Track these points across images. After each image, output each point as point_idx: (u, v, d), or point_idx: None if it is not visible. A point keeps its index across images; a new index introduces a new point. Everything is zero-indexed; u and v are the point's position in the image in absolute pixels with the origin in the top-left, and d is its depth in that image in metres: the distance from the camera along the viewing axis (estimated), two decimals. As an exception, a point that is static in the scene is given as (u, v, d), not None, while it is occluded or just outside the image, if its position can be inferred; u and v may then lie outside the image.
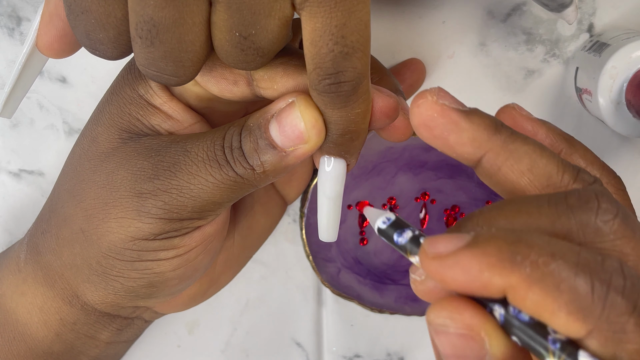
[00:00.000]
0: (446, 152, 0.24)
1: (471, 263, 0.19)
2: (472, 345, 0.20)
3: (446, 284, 0.20)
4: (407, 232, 0.22)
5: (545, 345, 0.19)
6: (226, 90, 0.27)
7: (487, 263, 0.19)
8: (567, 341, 0.19)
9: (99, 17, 0.24)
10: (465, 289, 0.20)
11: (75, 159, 0.30)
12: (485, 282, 0.19)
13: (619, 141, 0.41)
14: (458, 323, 0.20)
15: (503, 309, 0.20)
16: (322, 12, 0.22)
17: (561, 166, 0.23)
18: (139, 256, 0.29)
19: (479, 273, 0.19)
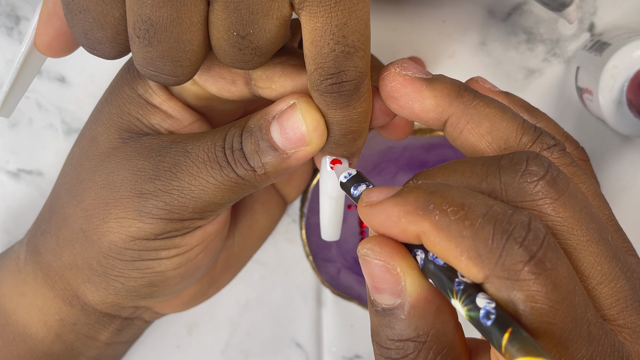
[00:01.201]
0: (414, 119, 0.26)
1: (392, 210, 0.21)
2: (388, 278, 0.22)
3: (375, 229, 0.22)
4: (362, 185, 0.25)
5: (451, 286, 0.20)
6: (224, 89, 0.27)
7: (405, 210, 0.21)
8: (470, 284, 0.20)
9: (96, 16, 0.23)
10: (389, 234, 0.22)
11: (75, 159, 0.30)
12: (403, 228, 0.21)
13: (619, 141, 0.41)
14: (376, 254, 0.22)
15: (424, 253, 0.22)
16: (322, 11, 0.22)
17: (520, 128, 0.23)
18: (140, 256, 0.29)
19: (397, 219, 0.21)
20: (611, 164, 0.41)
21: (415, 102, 0.25)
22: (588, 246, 0.21)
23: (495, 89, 0.26)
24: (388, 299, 0.22)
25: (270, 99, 0.27)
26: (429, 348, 0.22)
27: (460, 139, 0.25)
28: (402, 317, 0.22)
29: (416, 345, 0.22)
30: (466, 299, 0.20)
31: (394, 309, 0.22)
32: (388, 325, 0.22)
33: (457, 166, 0.23)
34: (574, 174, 0.23)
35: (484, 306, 0.19)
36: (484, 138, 0.24)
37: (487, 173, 0.22)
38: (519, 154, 0.22)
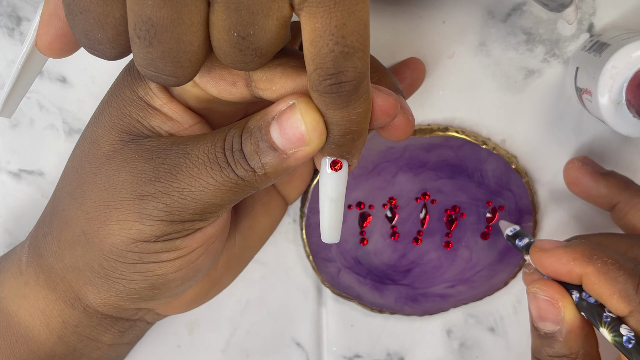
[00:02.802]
0: (589, 201, 0.38)
1: (563, 256, 0.31)
2: (552, 310, 0.31)
3: (544, 269, 0.32)
4: (525, 239, 0.35)
5: (601, 319, 0.30)
6: (225, 91, 0.27)
7: (573, 257, 0.31)
8: (615, 318, 0.30)
9: (97, 17, 0.23)
10: (555, 273, 0.31)
11: (76, 161, 0.30)
12: (569, 270, 0.31)
13: (619, 141, 0.41)
14: (545, 292, 0.31)
15: (578, 293, 0.31)
16: (322, 12, 0.22)
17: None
18: (141, 258, 0.29)
19: (567, 262, 0.31)
20: (610, 164, 0.41)
21: (592, 189, 0.38)
22: None
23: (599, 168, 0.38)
24: (550, 326, 0.31)
25: (270, 100, 0.27)
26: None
27: (625, 219, 0.36)
28: (560, 340, 0.31)
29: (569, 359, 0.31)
30: (612, 328, 0.29)
31: (554, 333, 0.31)
32: (548, 345, 0.32)
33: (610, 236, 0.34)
34: None
35: (626, 334, 0.29)
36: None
37: (632, 244, 0.33)
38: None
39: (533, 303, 0.32)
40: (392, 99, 0.26)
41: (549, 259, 0.31)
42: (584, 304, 0.30)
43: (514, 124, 0.41)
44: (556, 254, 0.31)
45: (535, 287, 0.32)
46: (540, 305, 0.31)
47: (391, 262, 0.42)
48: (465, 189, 0.40)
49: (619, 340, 0.28)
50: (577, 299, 0.31)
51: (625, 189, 0.37)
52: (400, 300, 0.42)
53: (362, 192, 0.40)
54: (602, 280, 0.30)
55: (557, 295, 0.31)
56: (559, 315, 0.31)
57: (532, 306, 0.32)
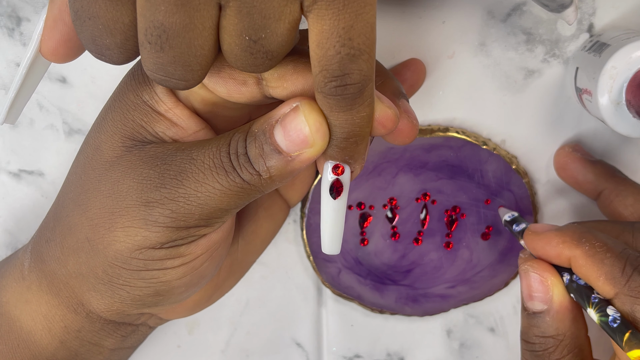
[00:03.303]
0: (575, 187, 0.39)
1: (553, 238, 0.31)
2: (542, 288, 0.31)
3: (535, 251, 0.32)
4: (522, 224, 0.35)
5: (589, 300, 0.30)
6: (234, 90, 0.27)
7: (563, 240, 0.31)
8: (603, 300, 0.30)
9: (106, 22, 0.23)
10: (546, 255, 0.32)
11: (80, 167, 0.30)
12: (559, 252, 0.31)
13: (618, 141, 0.41)
14: (535, 269, 0.32)
15: (569, 275, 0.31)
16: (330, 14, 0.22)
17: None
18: (146, 265, 0.29)
19: (556, 245, 0.31)
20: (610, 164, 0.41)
21: (579, 175, 0.38)
22: None
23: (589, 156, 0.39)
24: (538, 305, 0.31)
25: (281, 98, 0.27)
26: (564, 345, 0.31)
27: (610, 207, 0.37)
28: (547, 319, 0.31)
29: (555, 341, 0.31)
30: (599, 309, 0.29)
31: (542, 312, 0.31)
32: (535, 325, 0.31)
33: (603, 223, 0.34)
34: None
35: (611, 314, 0.29)
36: (627, 209, 0.37)
37: (623, 230, 0.33)
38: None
39: (524, 280, 0.32)
40: (391, 112, 0.26)
41: (540, 241, 0.32)
42: (574, 286, 0.31)
43: (514, 124, 0.41)
44: (547, 237, 0.32)
45: (526, 265, 0.32)
46: (530, 283, 0.32)
47: (391, 262, 0.42)
48: (465, 189, 0.40)
49: (605, 320, 0.29)
50: (568, 281, 0.31)
51: (612, 177, 0.38)
52: (401, 300, 0.42)
53: (363, 193, 0.40)
54: (589, 262, 0.30)
55: (546, 273, 0.31)
56: (548, 293, 0.31)
57: (522, 284, 0.32)
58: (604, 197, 0.38)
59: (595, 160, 0.38)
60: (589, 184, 0.38)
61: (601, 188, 0.38)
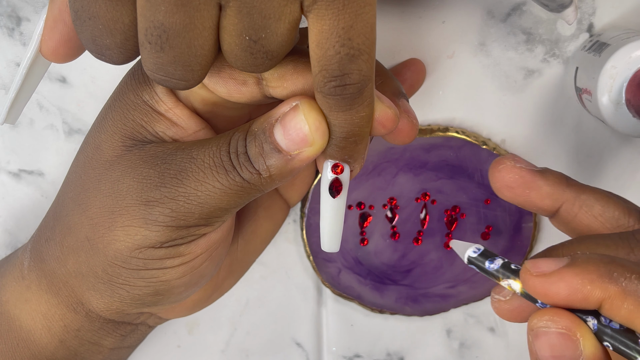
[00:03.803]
0: (527, 207, 0.30)
1: (574, 279, 0.24)
2: (569, 345, 0.24)
3: (548, 298, 0.24)
4: (498, 259, 0.27)
5: (637, 347, 0.24)
6: (235, 90, 0.27)
7: (589, 278, 0.24)
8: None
9: (106, 22, 0.23)
10: (566, 301, 0.24)
11: (79, 167, 0.30)
12: (587, 295, 0.24)
13: (618, 141, 0.41)
14: (558, 324, 0.24)
15: (594, 319, 0.24)
16: (330, 14, 0.22)
17: (626, 209, 0.28)
18: (145, 264, 0.29)
19: (581, 286, 0.24)
20: (610, 164, 0.41)
21: (532, 191, 0.29)
22: None
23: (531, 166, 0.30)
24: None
25: (281, 98, 0.27)
26: None
27: (575, 221, 0.29)
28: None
29: None
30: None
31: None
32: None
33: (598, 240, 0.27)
34: None
35: None
36: (597, 219, 0.29)
37: (631, 247, 0.26)
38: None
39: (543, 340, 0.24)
40: (391, 112, 0.26)
41: (555, 285, 0.24)
42: (607, 331, 0.24)
43: (514, 124, 0.41)
44: (565, 278, 0.24)
45: (544, 320, 0.24)
46: (552, 342, 0.24)
47: (391, 262, 0.42)
48: (465, 189, 0.40)
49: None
50: (596, 327, 0.25)
51: (568, 186, 0.29)
52: (401, 300, 0.42)
53: (363, 193, 0.40)
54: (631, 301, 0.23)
55: (573, 326, 0.24)
56: (578, 349, 0.24)
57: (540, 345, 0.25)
58: (565, 211, 0.29)
59: (542, 170, 0.30)
60: (545, 199, 0.29)
61: (560, 202, 0.29)
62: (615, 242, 0.26)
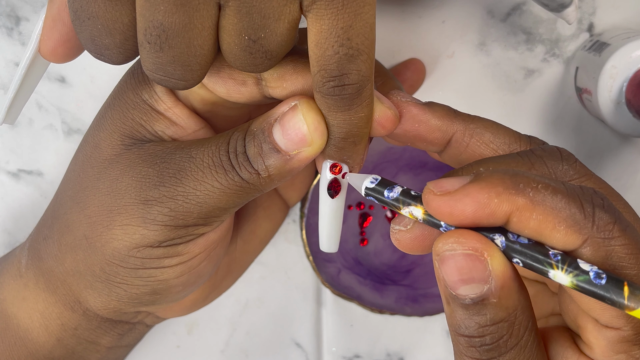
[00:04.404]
0: (417, 143, 0.28)
1: (480, 193, 0.22)
2: (477, 265, 0.22)
3: (454, 217, 0.23)
4: (397, 187, 0.25)
5: (549, 260, 0.22)
6: (234, 90, 0.27)
7: (495, 191, 0.22)
8: (564, 254, 0.22)
9: (105, 22, 0.23)
10: (472, 219, 0.23)
11: (78, 165, 0.30)
12: (494, 209, 0.22)
13: (618, 141, 0.41)
14: (464, 245, 0.23)
15: (502, 236, 0.23)
16: (329, 14, 0.22)
17: (516, 136, 0.27)
18: (143, 264, 0.29)
19: (488, 200, 0.22)
20: (610, 164, 0.41)
21: (421, 125, 0.27)
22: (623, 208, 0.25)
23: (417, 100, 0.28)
24: (476, 288, 0.23)
25: (281, 98, 0.27)
26: (519, 324, 0.23)
27: (468, 151, 0.27)
28: (493, 301, 0.23)
29: (508, 325, 0.23)
30: (569, 266, 0.22)
31: (484, 295, 0.23)
32: (479, 313, 0.23)
33: (498, 160, 0.25)
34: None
35: (590, 269, 0.22)
36: (489, 147, 0.27)
37: (531, 162, 0.25)
38: (549, 146, 0.26)
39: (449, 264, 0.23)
40: (391, 113, 0.26)
41: (460, 202, 0.22)
42: (516, 247, 0.23)
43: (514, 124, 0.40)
44: (470, 194, 0.22)
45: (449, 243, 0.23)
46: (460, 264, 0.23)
47: (391, 262, 0.42)
48: (465, 189, 0.40)
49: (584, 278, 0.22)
50: (504, 243, 0.23)
51: (456, 117, 0.27)
52: (401, 300, 0.42)
53: (362, 192, 0.40)
54: (540, 211, 0.22)
55: (480, 246, 0.23)
56: (486, 269, 0.23)
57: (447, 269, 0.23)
58: (456, 142, 0.27)
59: (428, 103, 0.28)
60: (435, 132, 0.27)
61: (449, 133, 0.27)
62: (515, 159, 0.25)
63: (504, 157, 0.25)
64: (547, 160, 0.25)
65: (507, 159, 0.25)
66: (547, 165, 0.25)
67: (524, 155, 0.25)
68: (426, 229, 0.25)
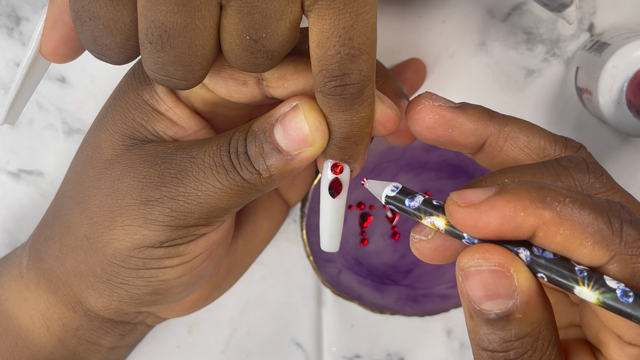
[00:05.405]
0: (450, 147, 0.27)
1: (507, 206, 0.22)
2: (503, 282, 0.22)
3: (478, 230, 0.22)
4: (418, 196, 0.24)
5: (574, 276, 0.22)
6: (235, 90, 0.27)
7: (522, 205, 0.22)
8: (591, 271, 0.22)
9: (107, 22, 0.23)
10: (497, 232, 0.22)
11: (79, 166, 0.30)
12: (520, 222, 0.22)
13: (619, 141, 0.41)
14: (490, 261, 0.22)
15: (527, 250, 0.23)
16: (331, 14, 0.22)
17: (552, 139, 0.26)
18: (144, 264, 0.29)
19: (513, 214, 0.22)
20: (610, 164, 0.41)
21: (454, 130, 0.26)
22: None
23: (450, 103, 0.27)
24: (502, 303, 0.22)
25: (282, 98, 0.27)
26: (543, 338, 0.23)
27: (501, 155, 0.27)
28: (518, 316, 0.22)
29: (532, 340, 0.23)
30: (595, 283, 0.22)
31: (509, 310, 0.22)
32: (504, 329, 0.23)
33: (523, 170, 0.25)
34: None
35: (617, 287, 0.21)
36: (523, 151, 0.27)
37: (557, 174, 0.24)
38: (575, 157, 0.25)
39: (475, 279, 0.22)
40: (393, 113, 0.26)
41: (485, 214, 0.22)
42: (541, 262, 0.23)
43: (514, 124, 0.41)
44: (496, 206, 0.22)
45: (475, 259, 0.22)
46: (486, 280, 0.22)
47: (392, 262, 0.42)
48: (465, 189, 0.40)
49: (611, 296, 0.21)
50: (529, 258, 0.23)
51: (490, 120, 0.27)
52: (401, 300, 0.42)
53: (363, 193, 0.40)
54: (567, 226, 0.22)
55: (506, 261, 0.22)
56: (512, 285, 0.22)
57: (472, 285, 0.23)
58: (490, 146, 0.27)
59: (461, 105, 0.27)
60: (469, 136, 0.27)
61: (484, 137, 0.27)
62: (541, 170, 0.24)
63: (529, 167, 0.25)
64: (574, 172, 0.24)
65: (532, 170, 0.24)
66: (574, 178, 0.24)
67: (549, 166, 0.25)
68: (447, 239, 0.24)
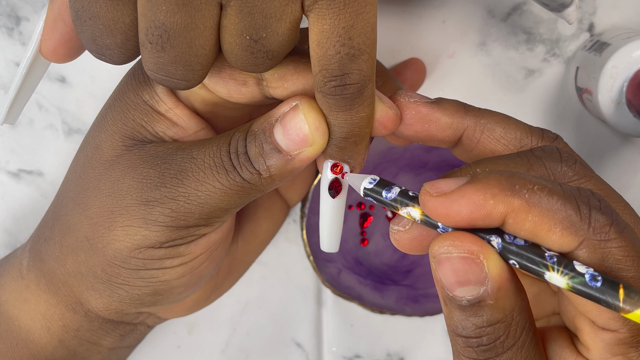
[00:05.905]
0: (428, 142, 0.28)
1: (476, 194, 0.22)
2: (473, 268, 0.23)
3: (450, 219, 0.23)
4: (395, 188, 0.25)
5: (544, 262, 0.22)
6: (235, 91, 0.27)
7: (491, 193, 0.22)
8: (560, 256, 0.22)
9: (107, 22, 0.23)
10: (468, 220, 0.23)
11: (79, 166, 0.30)
12: (489, 210, 0.22)
13: (619, 141, 0.41)
14: (460, 248, 0.23)
15: (498, 238, 0.23)
16: (331, 13, 0.22)
17: (528, 130, 0.27)
18: (145, 264, 0.29)
19: (483, 202, 0.22)
20: (610, 164, 0.41)
21: (431, 124, 0.27)
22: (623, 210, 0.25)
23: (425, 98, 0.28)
24: (473, 290, 0.23)
25: (282, 98, 0.27)
26: (516, 325, 0.23)
27: (478, 147, 0.27)
28: (490, 303, 0.23)
29: (505, 325, 0.23)
30: (565, 268, 0.22)
31: (480, 297, 0.23)
32: (476, 315, 0.23)
33: (497, 160, 0.25)
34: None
35: (586, 271, 0.22)
36: (499, 142, 0.27)
37: (530, 163, 0.25)
38: (549, 147, 0.25)
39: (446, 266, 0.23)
40: (393, 113, 0.26)
41: (455, 203, 0.22)
42: (513, 249, 0.23)
43: (514, 124, 0.41)
44: (466, 195, 0.22)
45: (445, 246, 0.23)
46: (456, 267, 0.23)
47: (392, 262, 0.42)
48: (465, 189, 0.40)
49: (580, 280, 0.22)
50: (500, 245, 0.23)
51: (466, 113, 0.27)
52: (401, 300, 0.42)
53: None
54: (536, 213, 0.22)
55: (475, 248, 0.23)
56: (482, 272, 0.23)
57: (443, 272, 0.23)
58: (467, 139, 0.27)
59: (437, 100, 0.27)
60: (446, 130, 0.27)
61: (460, 130, 0.27)
62: (514, 160, 0.25)
63: (503, 158, 0.25)
64: (546, 162, 0.25)
65: (506, 160, 0.25)
66: (546, 167, 0.25)
67: (522, 156, 0.25)
68: (424, 229, 0.25)
